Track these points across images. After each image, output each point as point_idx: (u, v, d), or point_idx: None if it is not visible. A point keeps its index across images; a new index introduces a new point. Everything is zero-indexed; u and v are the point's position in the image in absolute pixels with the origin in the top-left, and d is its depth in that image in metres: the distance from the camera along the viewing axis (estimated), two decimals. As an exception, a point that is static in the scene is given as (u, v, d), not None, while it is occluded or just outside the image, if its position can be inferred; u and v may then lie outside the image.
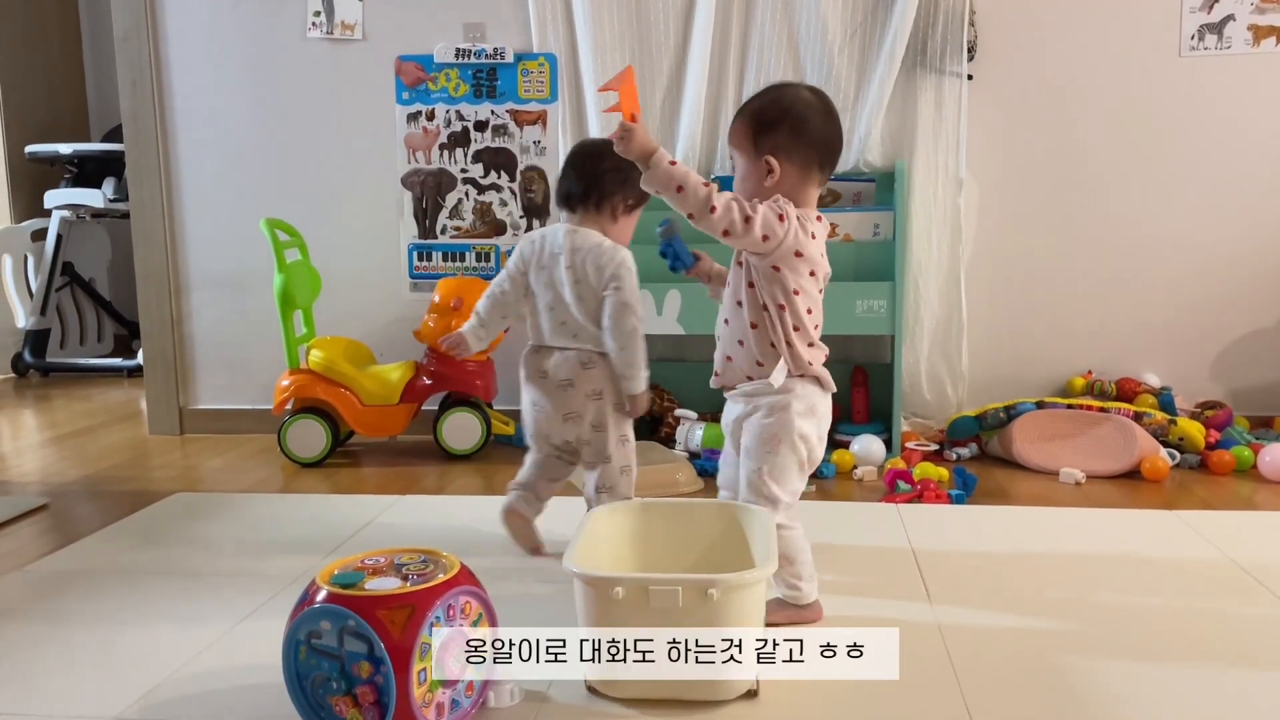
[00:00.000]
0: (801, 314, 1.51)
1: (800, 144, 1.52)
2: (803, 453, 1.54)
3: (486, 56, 2.88)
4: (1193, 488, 2.37)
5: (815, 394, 1.55)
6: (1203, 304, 2.82)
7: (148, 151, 3.03)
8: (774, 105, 1.54)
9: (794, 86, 1.59)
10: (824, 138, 1.54)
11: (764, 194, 1.53)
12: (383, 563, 1.27)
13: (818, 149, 1.53)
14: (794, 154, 1.52)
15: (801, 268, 1.50)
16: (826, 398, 1.57)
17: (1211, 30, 2.72)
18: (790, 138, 1.52)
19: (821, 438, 1.57)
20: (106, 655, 1.53)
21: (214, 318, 3.08)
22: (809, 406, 1.54)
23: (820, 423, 1.56)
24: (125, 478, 2.61)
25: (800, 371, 1.53)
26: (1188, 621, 1.60)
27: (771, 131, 1.53)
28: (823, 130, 1.54)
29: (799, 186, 1.54)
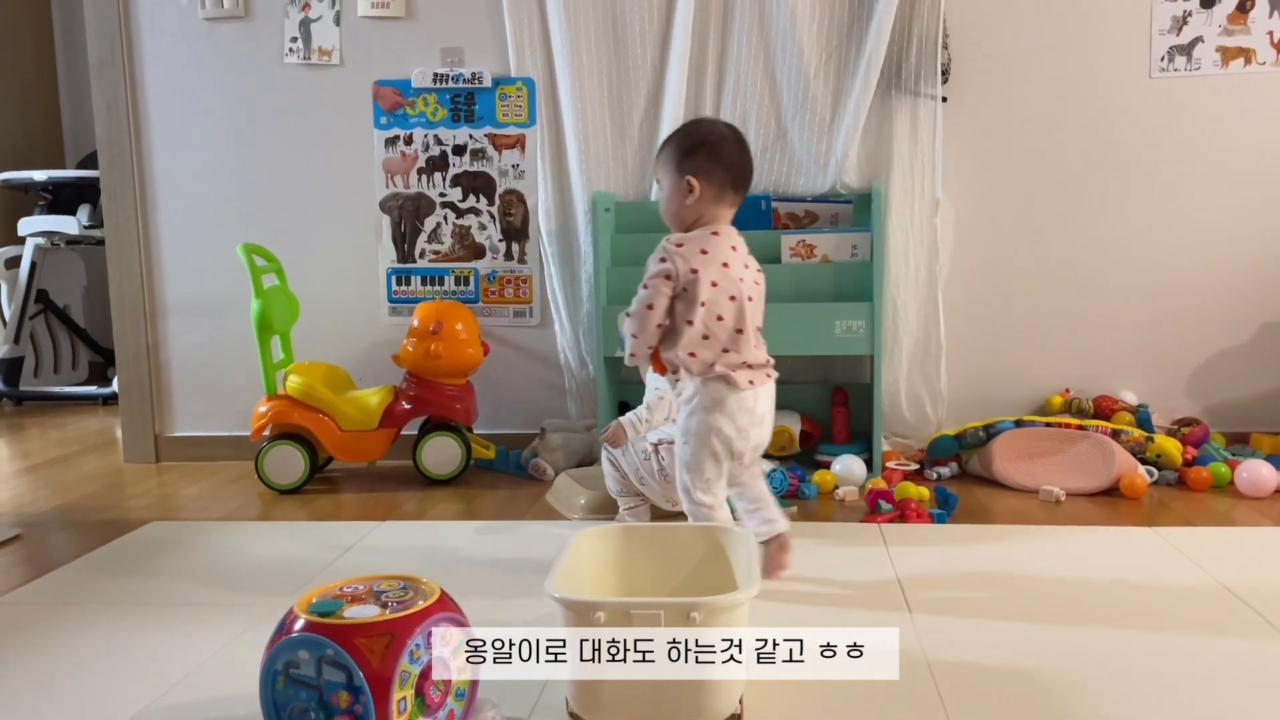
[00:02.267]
0: (697, 336, 1.74)
1: (717, 167, 1.77)
2: (715, 445, 1.75)
3: (464, 81, 2.89)
4: (1171, 504, 2.38)
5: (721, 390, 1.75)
6: (1178, 322, 2.85)
7: (123, 178, 3.01)
8: (695, 134, 1.81)
9: (712, 120, 1.91)
10: (736, 163, 1.80)
11: (685, 211, 1.78)
12: (361, 590, 1.25)
13: (730, 172, 1.78)
14: (712, 176, 1.77)
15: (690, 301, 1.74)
16: (737, 394, 1.74)
17: (1180, 52, 2.76)
18: (708, 161, 1.76)
19: (741, 429, 1.75)
20: (81, 687, 1.50)
21: (190, 344, 3.06)
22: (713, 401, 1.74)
23: (731, 415, 1.74)
24: (100, 507, 2.58)
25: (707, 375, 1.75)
26: (1169, 637, 1.60)
27: (692, 156, 1.77)
28: (735, 157, 1.80)
29: (714, 205, 1.79)
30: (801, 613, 1.72)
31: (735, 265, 1.77)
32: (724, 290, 1.74)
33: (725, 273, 1.75)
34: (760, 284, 1.84)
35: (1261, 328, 2.83)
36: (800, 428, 2.73)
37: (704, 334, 1.74)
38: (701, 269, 1.73)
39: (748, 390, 1.75)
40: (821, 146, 2.78)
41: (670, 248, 1.75)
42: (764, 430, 1.80)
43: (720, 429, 1.74)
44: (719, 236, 1.78)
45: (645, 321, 1.75)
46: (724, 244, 1.77)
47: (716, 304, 1.74)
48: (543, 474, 2.69)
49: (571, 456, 2.76)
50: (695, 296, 1.72)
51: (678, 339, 1.75)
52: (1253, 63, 2.74)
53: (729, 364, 1.74)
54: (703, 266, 1.73)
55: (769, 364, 1.81)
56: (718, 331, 1.74)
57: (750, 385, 1.75)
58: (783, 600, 1.76)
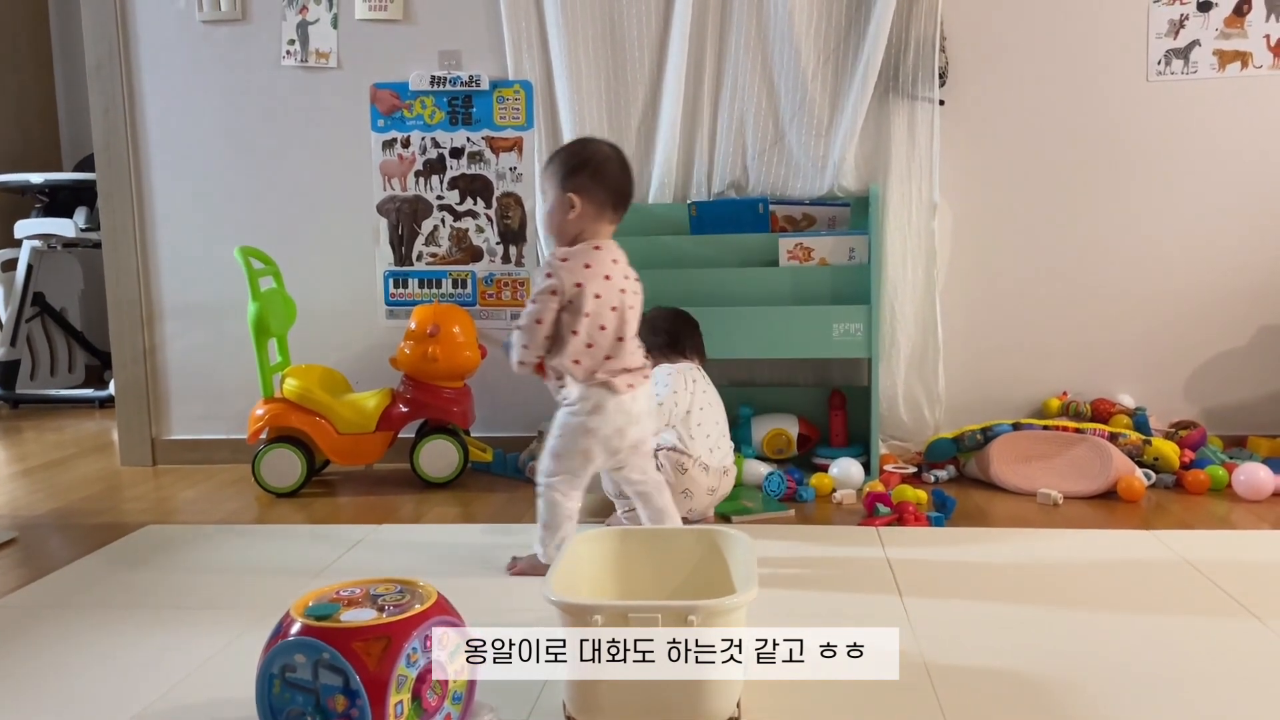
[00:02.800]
0: (581, 345, 1.84)
1: (598, 187, 1.86)
2: (589, 445, 1.87)
3: (462, 84, 2.89)
4: (1169, 507, 2.38)
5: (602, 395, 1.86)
6: (1175, 324, 2.85)
7: (120, 180, 3.01)
8: (580, 153, 1.90)
9: (598, 141, 1.95)
10: (617, 184, 1.89)
11: (567, 226, 1.88)
12: (358, 594, 1.25)
13: (611, 193, 1.88)
14: (593, 195, 1.86)
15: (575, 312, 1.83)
16: (616, 397, 1.86)
17: (1178, 55, 2.76)
18: (590, 181, 1.86)
19: (619, 430, 1.87)
20: (77, 690, 1.50)
21: (187, 347, 3.06)
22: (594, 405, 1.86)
23: (609, 418, 1.86)
24: (97, 510, 2.58)
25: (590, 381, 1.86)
26: (1166, 639, 1.60)
27: (575, 175, 1.86)
28: (617, 178, 1.89)
29: (595, 222, 1.88)
30: (799, 615, 1.72)
31: (616, 277, 1.88)
32: (606, 302, 1.85)
33: (607, 285, 1.86)
34: (639, 294, 1.94)
35: (1259, 331, 2.83)
36: (798, 430, 2.73)
37: (588, 343, 1.84)
38: (585, 283, 1.84)
39: (626, 394, 1.86)
40: (819, 149, 2.78)
41: (556, 263, 1.86)
42: (641, 427, 1.91)
43: (598, 430, 1.87)
44: (601, 251, 1.88)
45: (534, 334, 1.85)
46: (606, 258, 1.88)
47: (599, 315, 1.85)
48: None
49: (569, 459, 2.75)
50: (580, 308, 1.83)
51: (564, 347, 1.85)
52: (1249, 66, 2.75)
53: (610, 370, 1.86)
54: (586, 280, 1.84)
55: (645, 368, 1.93)
56: (600, 340, 1.85)
57: (629, 389, 1.87)
58: (781, 603, 1.75)
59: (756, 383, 2.92)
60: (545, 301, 1.85)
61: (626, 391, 1.87)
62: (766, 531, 2.20)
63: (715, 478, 2.22)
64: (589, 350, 1.85)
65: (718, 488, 2.24)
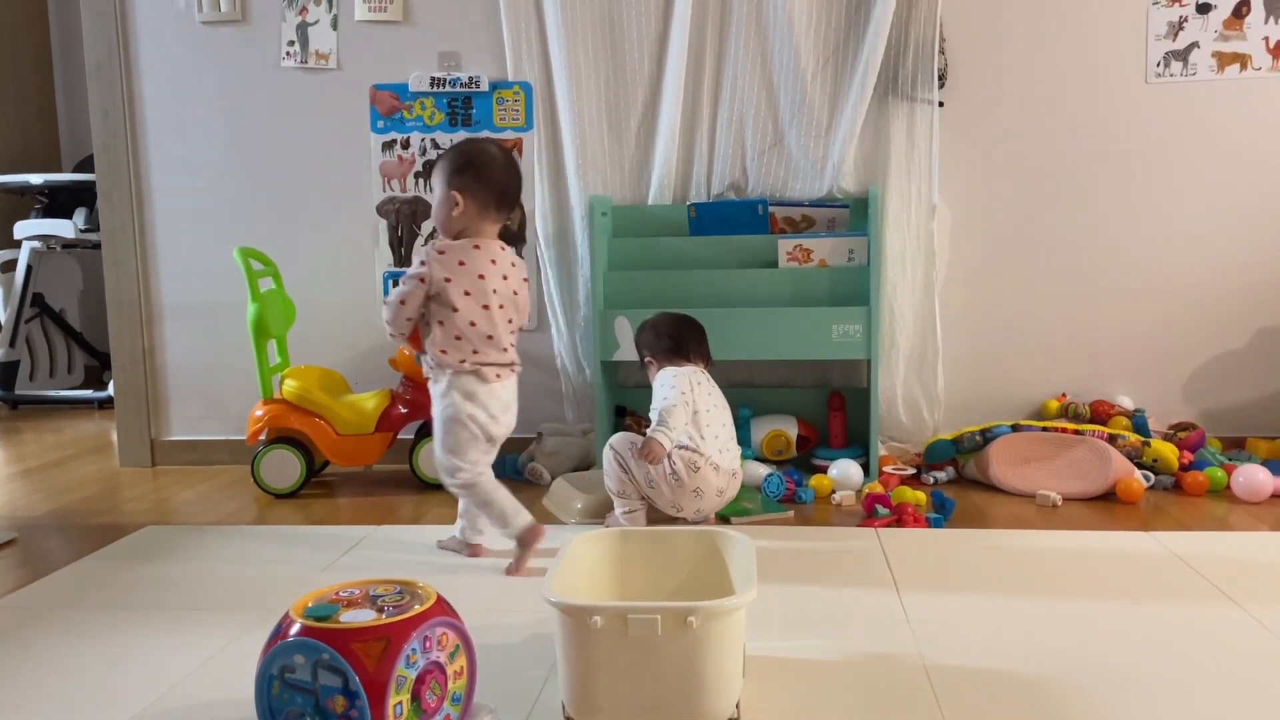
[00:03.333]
0: (450, 336, 1.94)
1: (482, 187, 1.95)
2: (472, 428, 1.94)
3: (461, 85, 2.89)
4: (1168, 509, 2.38)
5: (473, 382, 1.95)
6: (1174, 326, 2.85)
7: (119, 181, 3.01)
8: (466, 154, 1.97)
9: (485, 142, 2.03)
10: (501, 185, 1.98)
11: (451, 221, 1.97)
12: (358, 594, 1.25)
13: (495, 193, 1.97)
14: (476, 194, 1.95)
15: (442, 305, 1.93)
16: (487, 385, 1.95)
17: (1177, 57, 2.77)
18: (474, 181, 1.95)
19: (493, 415, 1.96)
20: (76, 691, 1.50)
21: (186, 348, 3.06)
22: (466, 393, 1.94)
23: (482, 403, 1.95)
24: (96, 511, 2.58)
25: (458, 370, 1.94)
26: (1164, 640, 1.60)
27: (461, 174, 1.95)
28: (501, 179, 1.98)
29: (478, 220, 1.97)
30: (798, 617, 1.72)
31: (492, 277, 1.96)
32: (477, 300, 1.94)
33: (480, 284, 1.95)
34: (521, 293, 2.03)
35: (1258, 333, 2.83)
36: (797, 432, 2.74)
37: (456, 335, 1.94)
38: (455, 279, 1.93)
39: (496, 383, 1.97)
40: (818, 151, 2.79)
41: (432, 254, 1.95)
42: (510, 417, 2.02)
43: (475, 415, 1.95)
44: (479, 250, 1.96)
45: (396, 314, 1.96)
46: (483, 257, 1.96)
47: (469, 311, 1.94)
48: (539, 478, 2.69)
49: (568, 461, 2.76)
50: (447, 302, 1.93)
51: (433, 336, 1.96)
52: (1248, 68, 2.75)
53: (480, 360, 1.95)
54: (456, 277, 1.93)
55: (515, 363, 2.02)
56: (470, 335, 1.94)
57: (498, 379, 1.97)
58: (780, 605, 1.75)
59: (756, 384, 2.92)
60: (412, 286, 1.94)
61: (496, 381, 1.96)
62: (766, 533, 2.20)
63: (725, 479, 2.22)
64: (458, 343, 1.94)
65: (726, 489, 2.24)
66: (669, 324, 2.35)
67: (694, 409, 2.21)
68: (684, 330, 2.34)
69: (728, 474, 2.23)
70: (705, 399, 2.24)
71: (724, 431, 2.25)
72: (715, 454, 2.20)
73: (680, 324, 2.35)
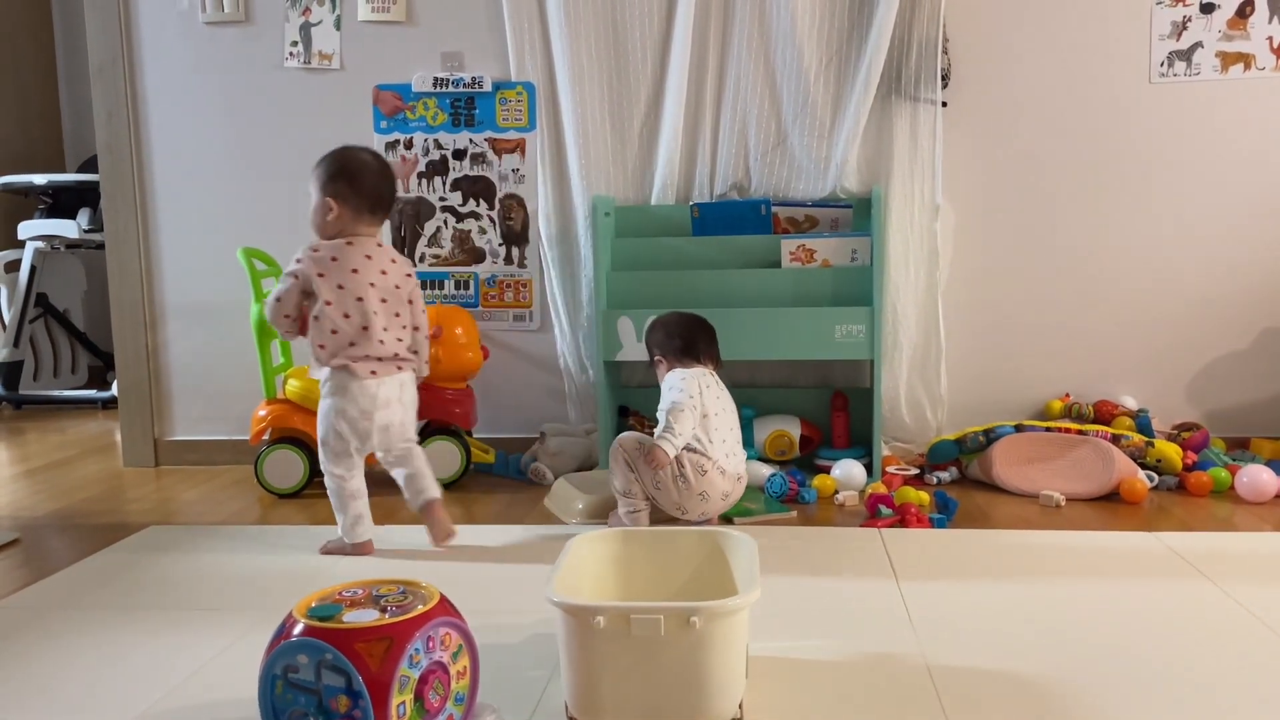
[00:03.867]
0: (325, 330, 2.02)
1: (354, 194, 2.05)
2: (341, 425, 2.05)
3: (465, 85, 2.89)
4: (1171, 509, 2.38)
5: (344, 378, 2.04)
6: (1178, 326, 2.85)
7: (123, 182, 3.01)
8: (339, 161, 2.07)
9: (359, 150, 2.11)
10: (374, 191, 2.07)
11: (326, 226, 2.07)
12: (361, 594, 1.25)
13: (368, 198, 2.07)
14: (349, 200, 2.05)
15: (316, 300, 2.04)
16: (358, 381, 2.03)
17: (1180, 57, 2.76)
18: (347, 188, 2.05)
19: (364, 411, 2.04)
20: (80, 691, 1.50)
21: (190, 348, 3.06)
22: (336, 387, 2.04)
23: (352, 399, 2.03)
24: (99, 511, 2.58)
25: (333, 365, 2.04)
26: (1168, 641, 1.60)
27: (334, 181, 2.05)
28: (373, 185, 2.07)
29: (353, 223, 2.07)
30: (801, 617, 1.72)
31: (367, 272, 2.05)
32: (351, 293, 2.03)
33: (354, 278, 2.04)
34: (403, 286, 2.11)
35: (1262, 333, 2.83)
36: (800, 432, 2.73)
37: (332, 329, 2.03)
38: (327, 274, 2.03)
39: (369, 379, 2.03)
40: (821, 151, 2.79)
41: (306, 253, 2.05)
42: (389, 412, 2.07)
43: (344, 410, 2.04)
44: (352, 247, 2.06)
45: (275, 310, 2.07)
46: (357, 253, 2.06)
47: (343, 304, 2.03)
48: (542, 478, 2.69)
49: (571, 461, 2.76)
50: (320, 297, 2.02)
51: (312, 333, 2.05)
52: (1252, 68, 2.74)
53: (351, 356, 2.03)
54: (329, 272, 2.03)
55: (398, 358, 2.08)
56: (344, 328, 2.03)
57: (372, 375, 2.04)
58: (783, 605, 1.75)
59: (758, 384, 2.92)
60: (288, 283, 2.06)
61: (369, 377, 2.03)
62: (769, 533, 2.20)
63: (730, 483, 2.22)
64: (334, 336, 2.03)
65: (731, 493, 2.24)
66: (680, 324, 2.35)
67: (703, 412, 2.20)
68: (695, 330, 2.33)
69: (733, 478, 2.23)
70: (714, 402, 2.24)
71: (731, 435, 2.25)
72: (722, 458, 2.20)
73: (692, 324, 2.35)
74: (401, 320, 2.10)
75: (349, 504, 2.11)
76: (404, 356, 2.10)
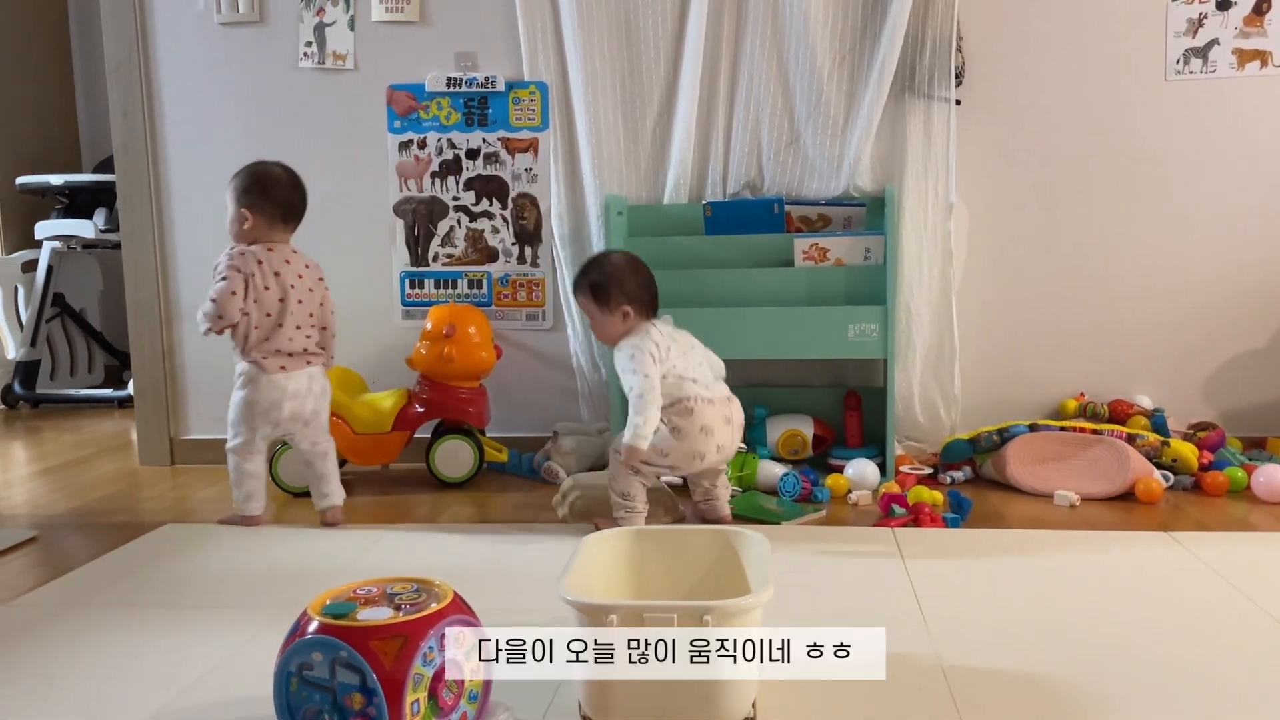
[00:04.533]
0: (249, 326, 2.24)
1: (267, 203, 2.26)
2: (251, 414, 2.27)
3: (478, 85, 2.90)
4: (1187, 509, 2.36)
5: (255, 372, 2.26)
6: (1193, 325, 2.83)
7: (139, 182, 3.03)
8: (253, 175, 2.28)
9: (271, 164, 2.32)
10: (285, 201, 2.29)
11: (243, 234, 2.27)
12: (375, 592, 1.26)
13: (280, 208, 2.28)
14: (262, 210, 2.26)
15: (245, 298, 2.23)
16: (267, 375, 2.25)
17: (1196, 54, 2.75)
18: (260, 199, 2.26)
19: (274, 402, 2.25)
20: (95, 689, 1.51)
21: (205, 347, 3.07)
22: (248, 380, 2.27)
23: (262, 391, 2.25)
24: (115, 509, 2.60)
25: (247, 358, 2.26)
26: (1183, 642, 1.59)
27: (248, 193, 2.26)
28: (284, 196, 2.28)
29: (268, 231, 2.27)
30: (814, 616, 1.72)
31: (287, 274, 2.26)
32: (274, 294, 2.24)
33: (277, 280, 2.25)
34: (316, 290, 2.32)
35: (1279, 331, 2.81)
36: (813, 431, 2.73)
37: (255, 325, 2.23)
38: (256, 274, 2.23)
39: (279, 374, 2.24)
40: (835, 149, 2.78)
41: (235, 254, 2.24)
42: (300, 403, 2.28)
43: (255, 402, 2.25)
44: (273, 252, 2.27)
45: (229, 305, 2.20)
46: (278, 257, 2.27)
47: (266, 303, 2.23)
48: (555, 477, 2.69)
49: (584, 459, 2.76)
50: (249, 296, 2.22)
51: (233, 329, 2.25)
52: (1269, 65, 2.73)
53: (264, 351, 2.24)
54: (257, 273, 2.23)
55: (307, 353, 2.29)
56: (264, 325, 2.24)
57: (281, 370, 2.25)
58: (795, 604, 1.75)
59: (771, 384, 2.92)
60: (234, 277, 2.21)
61: (278, 372, 2.24)
62: (781, 532, 2.19)
63: (724, 406, 2.18)
64: (255, 332, 2.24)
65: (732, 417, 2.19)
66: (641, 267, 2.27)
67: (663, 374, 2.13)
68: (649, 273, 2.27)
69: (723, 400, 2.19)
70: (675, 346, 2.19)
71: (700, 370, 2.20)
72: (702, 390, 2.17)
73: (642, 265, 2.27)
74: (313, 320, 2.31)
75: (245, 481, 2.32)
76: (313, 352, 2.31)
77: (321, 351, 2.34)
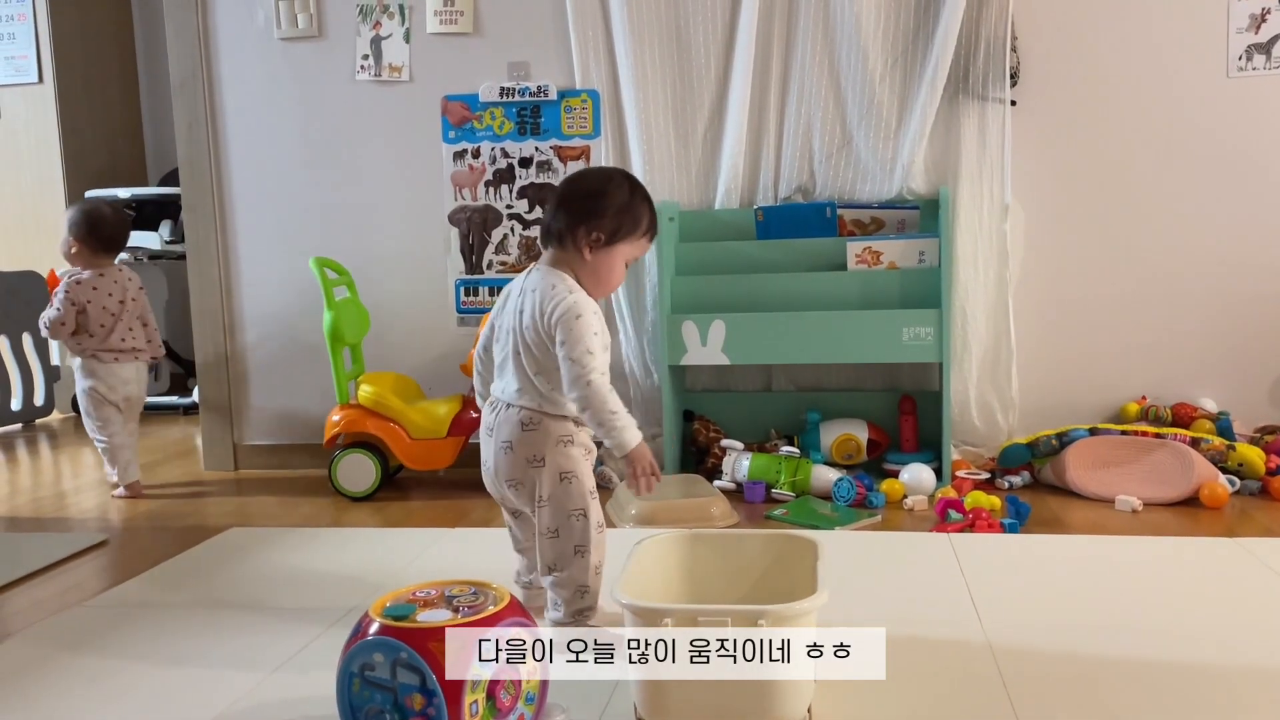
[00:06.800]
0: (87, 332, 2.79)
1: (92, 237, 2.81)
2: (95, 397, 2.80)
3: (530, 94, 2.93)
4: (1254, 514, 2.31)
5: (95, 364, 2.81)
6: (1259, 326, 2.76)
7: (203, 194, 3.11)
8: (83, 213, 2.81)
9: (100, 203, 2.91)
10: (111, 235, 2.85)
11: (73, 258, 2.82)
12: (434, 595, 1.28)
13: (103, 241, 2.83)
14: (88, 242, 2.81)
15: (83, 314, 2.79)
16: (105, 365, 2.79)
17: (1260, 50, 2.68)
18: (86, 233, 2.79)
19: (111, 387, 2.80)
20: (163, 690, 1.55)
21: (266, 355, 3.14)
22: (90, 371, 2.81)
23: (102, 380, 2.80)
24: (182, 513, 2.66)
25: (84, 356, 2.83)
26: (1249, 651, 1.55)
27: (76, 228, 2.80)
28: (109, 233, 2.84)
29: (93, 258, 2.81)
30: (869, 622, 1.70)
31: (117, 293, 2.81)
32: (108, 310, 2.78)
33: (108, 299, 2.79)
34: (138, 299, 2.85)
35: (1349, 332, 2.74)
36: (867, 436, 2.71)
37: (89, 333, 2.77)
38: (90, 298, 2.76)
39: (114, 364, 2.79)
40: (887, 152, 2.76)
41: (70, 284, 2.76)
42: (130, 387, 2.83)
43: (95, 387, 2.79)
44: (103, 276, 2.80)
45: (57, 331, 2.75)
46: (107, 280, 2.80)
47: (98, 318, 2.77)
48: (608, 482, 2.71)
49: (637, 465, 2.76)
50: (84, 312, 2.76)
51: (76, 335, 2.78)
52: (1337, 59, 2.66)
53: (102, 349, 2.78)
54: (89, 296, 2.76)
55: (134, 349, 2.82)
56: (99, 334, 2.78)
57: (115, 360, 2.79)
58: (851, 609, 1.74)
59: (825, 388, 2.91)
60: (64, 307, 2.74)
61: (113, 362, 2.79)
62: (835, 538, 2.18)
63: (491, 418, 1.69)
64: (90, 339, 2.77)
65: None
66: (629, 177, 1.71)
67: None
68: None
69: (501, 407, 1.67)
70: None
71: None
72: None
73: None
74: (141, 321, 2.86)
75: (118, 454, 2.82)
76: (139, 348, 2.84)
77: (147, 346, 2.87)
